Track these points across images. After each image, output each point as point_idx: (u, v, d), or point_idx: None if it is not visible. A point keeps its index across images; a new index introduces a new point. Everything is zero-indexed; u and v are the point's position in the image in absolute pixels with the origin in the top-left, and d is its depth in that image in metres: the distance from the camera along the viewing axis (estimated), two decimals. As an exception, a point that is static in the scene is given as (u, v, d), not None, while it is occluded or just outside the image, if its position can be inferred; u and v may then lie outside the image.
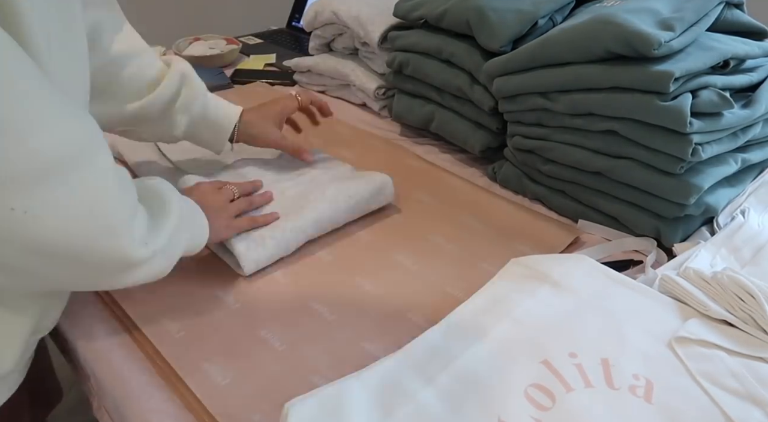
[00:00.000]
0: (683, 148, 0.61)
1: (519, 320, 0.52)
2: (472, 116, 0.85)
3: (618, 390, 0.45)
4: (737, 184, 0.70)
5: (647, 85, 0.62)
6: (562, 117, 0.71)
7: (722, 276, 0.52)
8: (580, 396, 0.45)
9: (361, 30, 1.00)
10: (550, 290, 0.55)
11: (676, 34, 0.62)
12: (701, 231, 0.68)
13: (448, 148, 0.93)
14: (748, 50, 0.67)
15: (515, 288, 0.56)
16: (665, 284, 0.55)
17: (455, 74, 0.84)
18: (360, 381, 0.46)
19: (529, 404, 0.44)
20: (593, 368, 0.47)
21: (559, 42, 0.69)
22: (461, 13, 0.80)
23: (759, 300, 0.49)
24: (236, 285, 0.63)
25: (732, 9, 0.71)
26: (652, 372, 0.46)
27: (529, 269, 0.57)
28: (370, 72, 1.05)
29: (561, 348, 0.48)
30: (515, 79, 0.74)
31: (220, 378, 0.52)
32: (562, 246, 0.69)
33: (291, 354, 0.54)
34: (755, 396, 0.44)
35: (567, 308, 0.53)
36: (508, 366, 0.47)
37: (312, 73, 1.15)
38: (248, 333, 0.57)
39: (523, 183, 0.80)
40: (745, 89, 0.68)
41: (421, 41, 0.88)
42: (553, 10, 0.78)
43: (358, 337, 0.56)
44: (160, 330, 0.57)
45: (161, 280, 0.63)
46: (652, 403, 0.44)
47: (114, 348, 0.57)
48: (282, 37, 1.46)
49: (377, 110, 1.05)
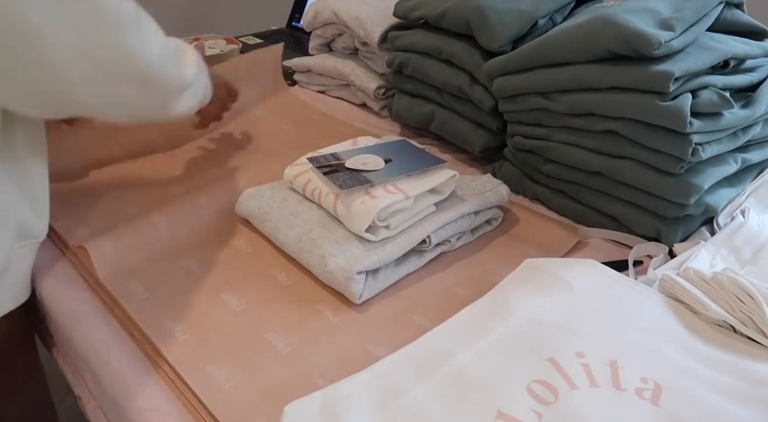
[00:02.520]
0: (683, 148, 0.61)
1: (528, 318, 0.52)
2: (472, 116, 0.85)
3: (624, 391, 0.45)
4: (737, 184, 0.70)
5: (647, 85, 0.62)
6: (562, 117, 0.71)
7: (722, 277, 0.52)
8: (584, 394, 0.45)
9: (361, 30, 1.00)
10: (561, 290, 0.55)
11: (676, 34, 0.62)
12: (701, 231, 0.68)
13: (448, 148, 0.93)
14: (748, 50, 0.67)
15: (527, 286, 0.56)
16: (665, 284, 0.56)
17: (455, 74, 0.84)
18: (359, 382, 0.47)
19: (530, 398, 0.44)
20: (601, 368, 0.47)
21: (559, 42, 0.69)
22: (461, 13, 0.80)
23: (758, 302, 0.49)
24: (240, 287, 0.63)
25: (732, 9, 0.71)
26: (660, 376, 0.46)
27: (542, 270, 0.58)
28: (370, 72, 1.05)
29: (568, 348, 0.49)
30: (515, 79, 0.74)
31: (224, 381, 0.52)
32: (565, 247, 0.69)
33: (295, 357, 0.54)
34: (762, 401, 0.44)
35: (577, 309, 0.53)
36: (510, 363, 0.48)
37: (312, 73, 1.15)
38: (252, 335, 0.57)
39: (523, 183, 0.80)
40: (745, 89, 0.68)
41: (421, 41, 0.88)
42: (553, 10, 0.79)
43: (362, 339, 0.56)
44: (163, 333, 0.57)
45: (164, 283, 0.63)
46: (660, 406, 0.44)
47: (114, 347, 0.57)
48: (282, 37, 1.46)
49: (377, 110, 1.06)
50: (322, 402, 0.45)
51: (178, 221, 0.73)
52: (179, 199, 0.77)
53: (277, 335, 0.57)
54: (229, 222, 0.74)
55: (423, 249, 0.66)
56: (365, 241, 0.63)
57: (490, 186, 0.72)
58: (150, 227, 0.71)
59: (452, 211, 0.67)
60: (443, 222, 0.66)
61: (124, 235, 0.68)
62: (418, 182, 0.66)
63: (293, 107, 1.07)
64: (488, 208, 0.71)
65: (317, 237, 0.64)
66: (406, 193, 0.64)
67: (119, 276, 0.64)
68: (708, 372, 0.47)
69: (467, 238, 0.70)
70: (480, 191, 0.71)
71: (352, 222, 0.63)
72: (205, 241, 0.71)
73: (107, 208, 0.76)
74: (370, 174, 0.67)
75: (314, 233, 0.65)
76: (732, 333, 0.51)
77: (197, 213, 0.75)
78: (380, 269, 0.62)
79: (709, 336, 0.51)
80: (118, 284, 0.63)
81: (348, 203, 0.64)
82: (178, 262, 0.67)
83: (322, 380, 0.52)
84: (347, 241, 0.63)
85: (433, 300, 0.61)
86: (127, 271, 0.65)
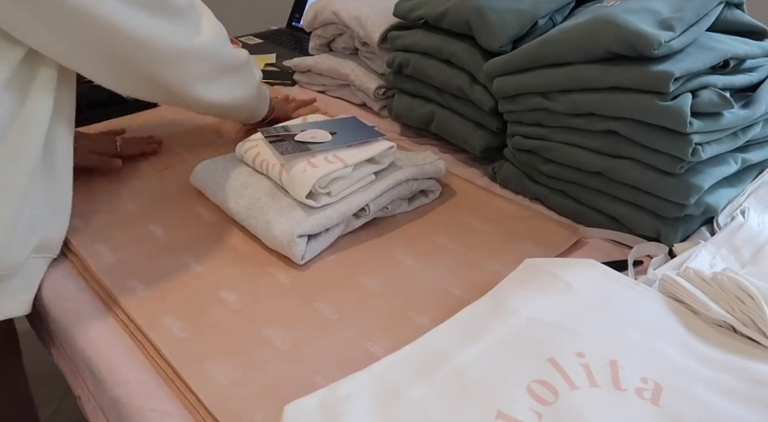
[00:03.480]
0: (683, 148, 0.61)
1: (528, 318, 0.52)
2: (472, 116, 0.85)
3: (624, 391, 0.45)
4: (737, 184, 0.70)
5: (647, 85, 0.62)
6: (562, 117, 0.71)
7: (722, 277, 0.52)
8: (584, 394, 0.45)
9: (361, 30, 1.00)
10: (561, 290, 0.55)
11: (676, 34, 0.62)
12: (701, 231, 0.68)
13: (448, 148, 0.93)
14: (748, 50, 0.67)
15: (527, 286, 0.56)
16: (665, 284, 0.55)
17: (455, 74, 0.84)
18: (359, 382, 0.46)
19: (530, 398, 0.44)
20: (601, 369, 0.47)
21: (558, 42, 0.69)
22: (461, 13, 0.80)
23: (758, 302, 0.49)
24: (238, 284, 0.63)
25: (732, 9, 0.71)
26: (660, 376, 0.46)
27: (542, 270, 0.58)
28: (370, 72, 1.05)
29: (568, 348, 0.48)
30: (515, 79, 0.74)
31: (222, 378, 0.52)
32: (564, 247, 0.69)
33: (294, 354, 0.54)
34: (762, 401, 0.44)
35: (577, 309, 0.53)
36: (510, 362, 0.47)
37: (312, 73, 1.15)
38: (251, 332, 0.57)
39: (523, 183, 0.80)
40: (745, 89, 0.68)
41: (421, 41, 0.88)
42: (553, 10, 0.78)
43: (361, 337, 0.56)
44: (161, 329, 0.57)
45: (162, 280, 0.63)
46: (660, 406, 0.44)
47: (114, 347, 0.57)
48: (282, 37, 1.46)
49: (377, 110, 1.06)
50: (322, 401, 0.44)
51: (176, 219, 0.73)
52: (176, 198, 0.77)
53: (275, 332, 0.57)
54: (227, 220, 0.74)
55: (362, 215, 0.71)
56: (308, 208, 0.68)
57: (429, 160, 0.78)
58: (148, 230, 0.72)
59: (389, 179, 0.72)
60: (381, 190, 0.71)
61: (119, 235, 0.69)
62: (357, 152, 0.72)
63: (293, 107, 1.07)
64: (425, 178, 0.76)
65: (264, 206, 0.69)
66: (344, 162, 0.69)
67: (117, 273, 0.64)
68: (708, 372, 0.47)
69: (404, 207, 0.76)
70: (419, 163, 0.76)
71: (294, 189, 0.68)
72: (203, 238, 0.71)
73: (105, 205, 0.77)
74: (315, 145, 0.73)
75: (261, 202, 0.70)
76: (732, 333, 0.51)
77: (196, 214, 0.75)
78: (321, 233, 0.67)
79: (709, 336, 0.50)
80: (117, 281, 0.63)
81: (291, 172, 0.69)
82: (176, 259, 0.67)
83: (321, 377, 0.52)
84: (291, 208, 0.68)
85: (432, 299, 0.61)
86: (126, 269, 0.65)
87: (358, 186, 0.71)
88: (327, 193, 0.68)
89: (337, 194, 0.69)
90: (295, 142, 0.73)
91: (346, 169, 0.69)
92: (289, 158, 0.70)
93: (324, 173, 0.67)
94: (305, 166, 0.69)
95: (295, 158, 0.70)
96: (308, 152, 0.71)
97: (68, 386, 0.65)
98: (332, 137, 0.74)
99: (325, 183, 0.68)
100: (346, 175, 0.70)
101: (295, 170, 0.69)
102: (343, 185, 0.70)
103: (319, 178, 0.67)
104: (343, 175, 0.69)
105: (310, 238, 0.66)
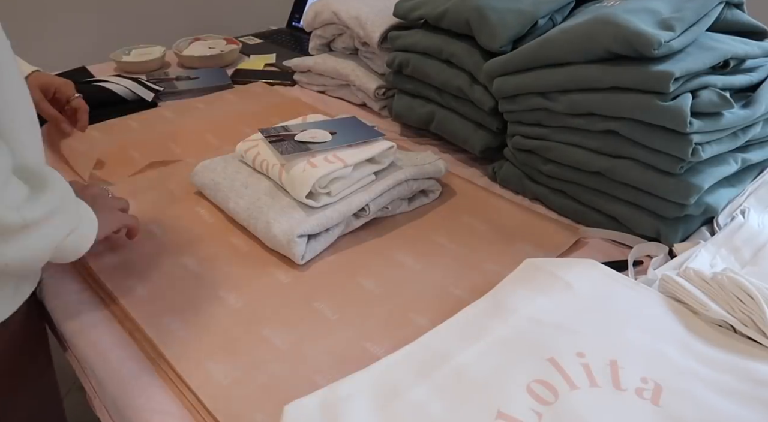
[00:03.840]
0: (683, 148, 0.61)
1: (528, 318, 0.52)
2: (472, 116, 0.85)
3: (624, 391, 0.45)
4: (737, 184, 0.70)
5: (647, 85, 0.62)
6: (562, 117, 0.71)
7: (722, 277, 0.52)
8: (584, 394, 0.45)
9: (361, 30, 1.00)
10: (561, 290, 0.55)
11: (676, 34, 0.62)
12: (701, 231, 0.68)
13: (448, 148, 0.93)
14: (748, 50, 0.67)
15: (527, 286, 0.56)
16: (665, 284, 0.55)
17: (455, 74, 0.84)
18: (359, 381, 0.46)
19: (530, 398, 0.44)
20: (601, 369, 0.47)
21: (558, 42, 0.69)
22: (461, 13, 0.80)
23: (758, 302, 0.49)
24: (238, 284, 0.63)
25: (732, 9, 0.71)
26: (660, 376, 0.46)
27: (542, 270, 0.58)
28: (370, 72, 1.05)
29: (568, 348, 0.48)
30: (515, 79, 0.74)
31: (222, 378, 0.52)
32: (564, 247, 0.69)
33: (293, 354, 0.54)
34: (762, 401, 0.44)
35: (577, 309, 0.53)
36: (510, 362, 0.48)
37: (312, 73, 1.15)
38: (250, 332, 0.57)
39: (523, 183, 0.80)
40: (745, 89, 0.68)
41: (421, 41, 0.88)
42: (553, 10, 0.79)
43: (360, 337, 0.56)
44: (161, 329, 0.57)
45: (162, 280, 0.63)
46: (660, 406, 0.44)
47: (114, 347, 0.57)
48: (282, 37, 1.46)
49: (377, 110, 1.06)
50: (322, 401, 0.44)
51: (176, 219, 0.73)
52: (176, 198, 0.77)
53: (275, 332, 0.57)
54: (227, 220, 0.74)
55: (362, 215, 0.71)
56: (308, 208, 0.68)
57: (429, 160, 0.78)
58: (148, 230, 0.71)
59: (389, 179, 0.72)
60: (381, 190, 0.71)
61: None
62: (357, 152, 0.72)
63: (293, 107, 1.07)
64: (425, 178, 0.76)
65: (264, 206, 0.69)
66: (344, 162, 0.69)
67: (117, 273, 0.64)
68: (708, 372, 0.47)
69: (404, 207, 0.76)
70: (419, 163, 0.76)
71: (294, 190, 0.68)
72: (203, 238, 0.71)
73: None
74: (315, 145, 0.72)
75: (261, 202, 0.70)
76: (732, 333, 0.51)
77: (196, 214, 0.75)
78: (321, 233, 0.67)
79: (709, 336, 0.50)
80: (117, 281, 0.63)
81: (291, 172, 0.69)
82: (176, 259, 0.67)
83: (320, 377, 0.52)
84: (291, 208, 0.68)
85: (431, 299, 0.61)
86: (126, 269, 0.65)
87: (358, 186, 0.71)
88: (327, 192, 0.68)
89: (337, 194, 0.69)
90: (295, 142, 0.73)
91: (346, 169, 0.69)
92: (289, 158, 0.70)
93: (324, 173, 0.67)
94: (305, 165, 0.69)
95: (295, 158, 0.70)
96: (308, 152, 0.71)
97: (72, 381, 0.65)
98: (332, 137, 0.75)
99: (325, 183, 0.68)
100: (346, 175, 0.70)
101: (295, 170, 0.69)
102: (343, 185, 0.70)
103: (319, 177, 0.67)
104: (343, 174, 0.69)
105: (310, 238, 0.66)
